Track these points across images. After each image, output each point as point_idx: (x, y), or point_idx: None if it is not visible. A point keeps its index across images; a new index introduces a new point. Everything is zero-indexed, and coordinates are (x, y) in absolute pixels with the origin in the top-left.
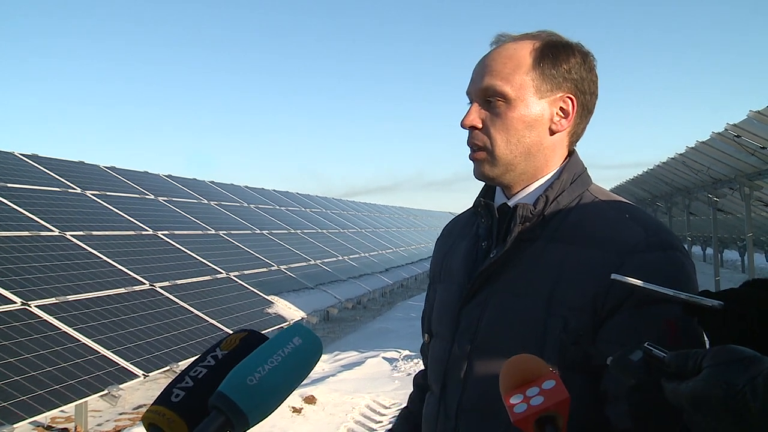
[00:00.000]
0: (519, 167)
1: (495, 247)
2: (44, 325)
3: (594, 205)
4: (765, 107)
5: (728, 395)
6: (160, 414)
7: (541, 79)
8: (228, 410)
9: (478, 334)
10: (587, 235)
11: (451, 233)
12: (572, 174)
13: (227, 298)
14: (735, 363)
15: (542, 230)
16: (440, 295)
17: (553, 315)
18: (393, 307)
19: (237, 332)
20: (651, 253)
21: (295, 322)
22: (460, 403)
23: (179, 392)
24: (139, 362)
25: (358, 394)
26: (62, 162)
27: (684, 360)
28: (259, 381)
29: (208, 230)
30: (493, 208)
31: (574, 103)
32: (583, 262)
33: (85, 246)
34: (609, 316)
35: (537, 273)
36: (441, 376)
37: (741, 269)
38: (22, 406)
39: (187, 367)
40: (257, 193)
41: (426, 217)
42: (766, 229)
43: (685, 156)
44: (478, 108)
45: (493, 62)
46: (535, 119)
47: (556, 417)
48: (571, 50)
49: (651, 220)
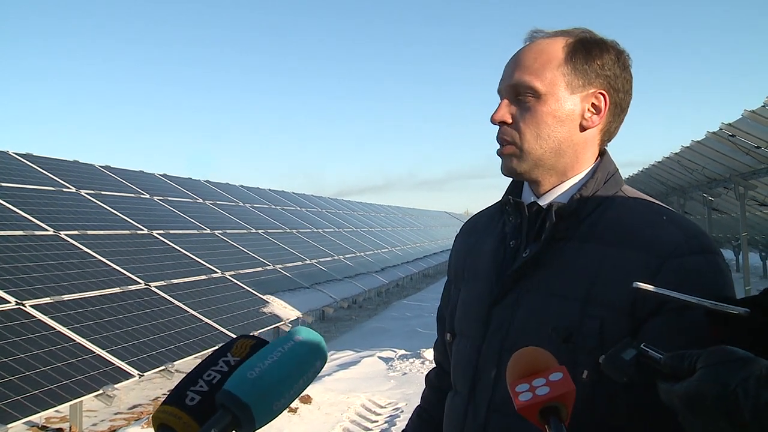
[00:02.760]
0: (548, 163)
1: (527, 246)
2: (39, 325)
3: (629, 206)
4: (760, 107)
5: (721, 396)
6: (176, 416)
7: (573, 74)
8: (232, 405)
9: (510, 334)
10: (625, 237)
11: (473, 231)
12: (606, 173)
13: (223, 298)
14: (728, 364)
15: (576, 230)
16: (465, 295)
17: (589, 316)
18: (389, 307)
19: (245, 337)
20: (691, 256)
21: (299, 325)
22: (491, 403)
23: (194, 396)
24: (135, 362)
25: (353, 393)
26: (57, 161)
27: (679, 361)
28: (258, 374)
29: (204, 229)
30: (523, 206)
31: (606, 99)
32: (621, 263)
33: (80, 245)
34: (648, 319)
35: (572, 273)
36: (470, 375)
37: (736, 268)
38: (16, 406)
39: (198, 369)
40: (253, 192)
41: (422, 217)
42: (761, 228)
43: (680, 155)
44: (508, 103)
45: (524, 58)
46: (566, 114)
47: (561, 408)
48: (606, 47)
49: (688, 222)
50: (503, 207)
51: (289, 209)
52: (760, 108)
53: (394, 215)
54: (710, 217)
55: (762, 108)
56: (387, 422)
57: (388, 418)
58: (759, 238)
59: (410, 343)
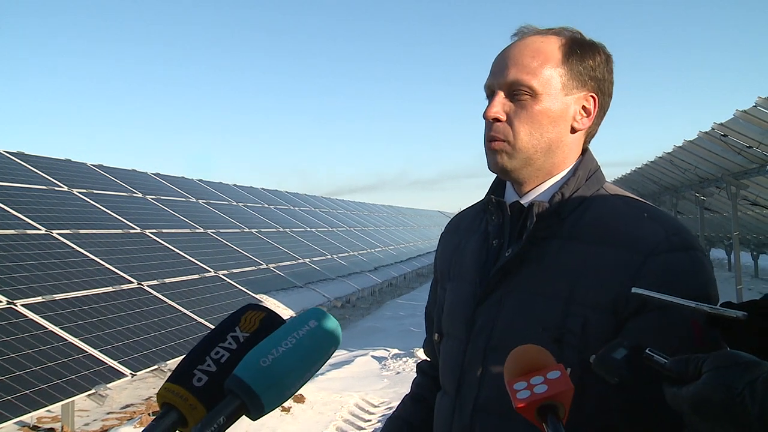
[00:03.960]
0: (537, 162)
1: (509, 245)
2: (30, 324)
3: (611, 203)
4: (751, 107)
5: (727, 399)
6: (182, 397)
7: (569, 75)
8: (242, 393)
9: (495, 333)
10: (607, 234)
11: (458, 229)
12: (587, 171)
13: (216, 297)
14: (734, 367)
15: (558, 228)
16: (451, 294)
17: (572, 314)
18: (382, 306)
19: (253, 308)
20: (672, 253)
21: (314, 307)
22: (476, 402)
23: (202, 376)
24: (127, 361)
25: (346, 392)
26: (49, 160)
27: (684, 365)
28: (272, 362)
29: (197, 229)
30: (505, 205)
31: (596, 102)
32: (603, 261)
33: (72, 244)
34: (631, 318)
35: (555, 271)
36: (456, 375)
37: (728, 268)
38: (7, 406)
39: (205, 344)
40: (246, 191)
41: (415, 216)
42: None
43: (673, 155)
44: (503, 100)
45: (521, 55)
46: (560, 115)
47: (558, 406)
48: (596, 49)
49: (669, 218)
50: (486, 206)
51: (282, 208)
52: (752, 108)
53: (388, 214)
54: (702, 217)
55: (754, 108)
56: (380, 421)
57: (381, 418)
58: (750, 237)
59: (404, 342)
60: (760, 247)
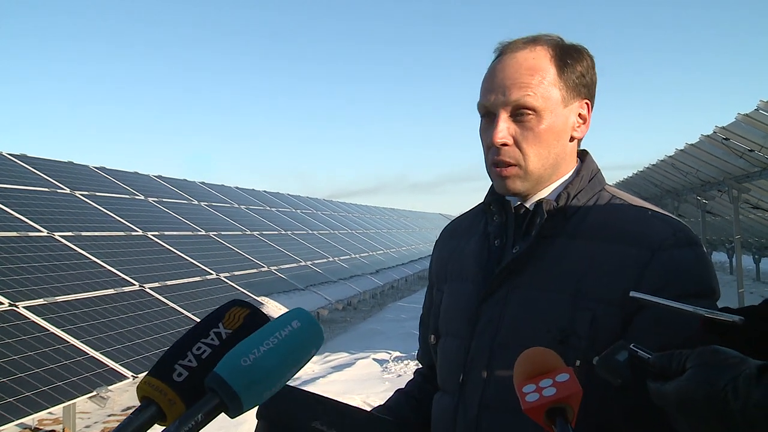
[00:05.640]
0: (545, 178)
1: (516, 243)
2: (32, 326)
3: (614, 204)
4: (753, 110)
5: (710, 395)
6: (162, 392)
7: (566, 88)
8: (222, 392)
9: (501, 330)
10: (613, 232)
11: (455, 233)
12: (590, 172)
13: (217, 299)
14: (717, 363)
15: (563, 227)
16: (450, 295)
17: (580, 309)
18: (383, 309)
19: (238, 304)
20: (679, 249)
21: (296, 307)
22: (482, 399)
23: (182, 371)
24: (129, 363)
25: (348, 395)
26: (51, 162)
27: (668, 361)
28: (252, 362)
29: (199, 231)
30: (509, 205)
31: (590, 108)
32: (610, 256)
33: (74, 247)
34: (637, 312)
35: (561, 268)
36: (458, 373)
37: (729, 271)
38: (9, 408)
39: (187, 339)
40: (247, 194)
41: (416, 219)
42: (754, 231)
43: (674, 158)
44: (507, 123)
45: (517, 74)
46: (562, 129)
47: (567, 409)
48: (582, 53)
49: (672, 218)
50: (487, 207)
51: (284, 211)
52: (754, 111)
53: (389, 217)
54: (704, 220)
55: (755, 111)
56: None
57: None
58: (752, 240)
59: (405, 344)
60: (762, 250)
